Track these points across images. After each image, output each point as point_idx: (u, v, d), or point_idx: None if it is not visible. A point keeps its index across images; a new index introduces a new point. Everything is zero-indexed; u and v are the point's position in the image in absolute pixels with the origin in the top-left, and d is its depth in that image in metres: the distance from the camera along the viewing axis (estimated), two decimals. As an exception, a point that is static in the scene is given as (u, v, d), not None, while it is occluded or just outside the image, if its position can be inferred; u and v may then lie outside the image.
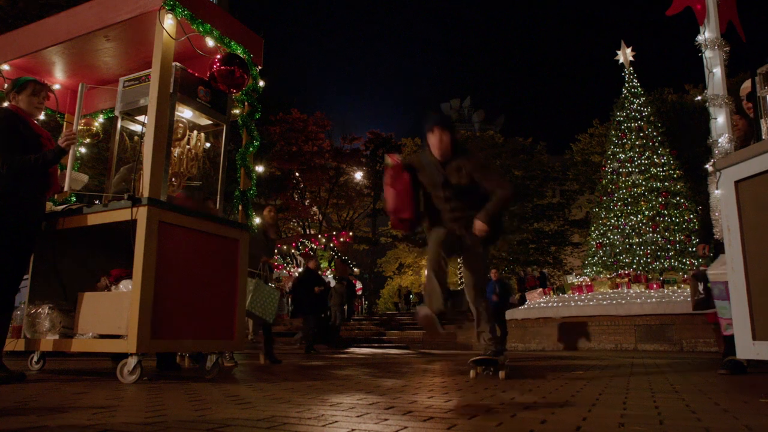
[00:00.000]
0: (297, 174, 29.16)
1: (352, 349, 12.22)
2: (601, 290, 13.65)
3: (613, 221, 15.31)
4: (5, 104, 3.75)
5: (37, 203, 3.68)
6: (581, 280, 15.06)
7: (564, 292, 14.98)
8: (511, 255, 33.43)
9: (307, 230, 30.91)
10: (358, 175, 31.59)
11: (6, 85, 4.38)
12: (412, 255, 36.25)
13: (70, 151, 3.95)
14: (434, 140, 3.93)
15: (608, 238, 15.22)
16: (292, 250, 23.62)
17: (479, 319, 4.05)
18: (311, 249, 24.11)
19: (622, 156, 15.81)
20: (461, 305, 17.07)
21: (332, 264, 25.08)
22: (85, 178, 4.12)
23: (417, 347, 14.37)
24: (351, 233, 28.41)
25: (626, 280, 13.52)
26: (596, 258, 15.29)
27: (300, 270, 24.29)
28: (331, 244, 25.54)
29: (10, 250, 3.49)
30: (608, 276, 14.33)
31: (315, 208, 31.14)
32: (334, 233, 26.94)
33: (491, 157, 32.78)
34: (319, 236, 26.16)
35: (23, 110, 3.69)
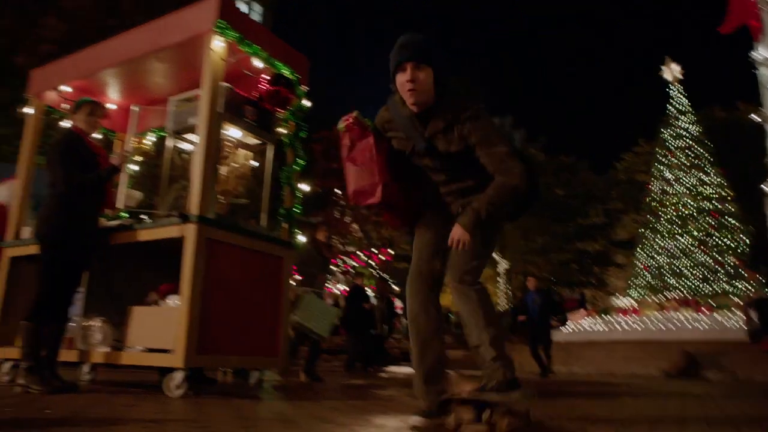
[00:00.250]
0: (338, 191, 29.47)
1: (391, 368, 12.14)
2: (648, 314, 13.25)
3: (660, 242, 14.89)
4: (68, 125, 3.95)
5: (92, 219, 3.83)
6: (627, 302, 14.67)
7: (609, 315, 14.61)
8: (553, 275, 32.84)
9: (348, 247, 31.10)
10: (398, 192, 31.62)
11: (65, 105, 4.62)
12: (452, 274, 35.85)
13: (123, 169, 4.10)
14: (403, 80, 2.46)
15: (655, 260, 14.80)
16: (332, 267, 23.78)
17: (470, 321, 2.42)
18: (352, 267, 24.19)
19: (669, 175, 15.42)
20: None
21: (373, 281, 25.14)
22: (139, 195, 4.26)
23: (456, 367, 14.19)
24: (391, 251, 28.42)
25: (675, 303, 13.10)
26: (642, 280, 14.87)
27: (340, 286, 24.37)
28: (372, 262, 25.58)
29: (66, 265, 3.63)
30: (655, 299, 13.91)
31: (355, 225, 31.32)
32: (374, 250, 26.99)
33: (533, 176, 32.34)
34: (360, 253, 26.25)
35: (82, 130, 3.87)
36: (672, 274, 14.26)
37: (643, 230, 15.84)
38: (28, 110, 5.00)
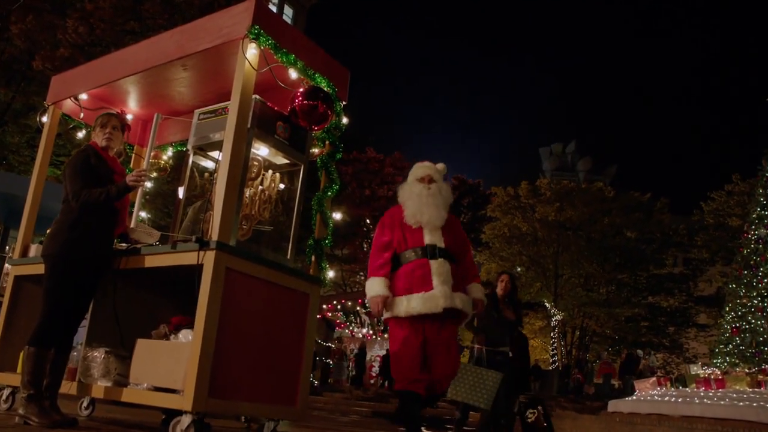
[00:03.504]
0: (368, 221, 29.52)
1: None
2: (737, 387, 12.69)
3: (756, 302, 14.34)
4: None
5: (103, 239, 4.01)
6: (709, 371, 14.16)
7: (685, 385, 14.10)
8: (617, 333, 31.84)
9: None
10: (440, 227, 31.56)
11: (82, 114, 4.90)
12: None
13: (139, 189, 4.27)
14: None
15: (749, 323, 14.26)
16: (357, 308, 23.62)
17: None
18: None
19: (773, 221, 14.97)
20: None
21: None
22: (157, 235, 4.39)
23: None
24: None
25: (773, 378, 12.56)
26: (731, 346, 14.36)
27: (364, 330, 24.13)
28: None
29: (73, 287, 3.80)
30: (747, 370, 13.38)
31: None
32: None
33: (598, 214, 31.68)
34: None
35: (98, 145, 4.10)
36: (769, 341, 13.73)
37: (734, 286, 15.37)
38: (45, 119, 5.23)
